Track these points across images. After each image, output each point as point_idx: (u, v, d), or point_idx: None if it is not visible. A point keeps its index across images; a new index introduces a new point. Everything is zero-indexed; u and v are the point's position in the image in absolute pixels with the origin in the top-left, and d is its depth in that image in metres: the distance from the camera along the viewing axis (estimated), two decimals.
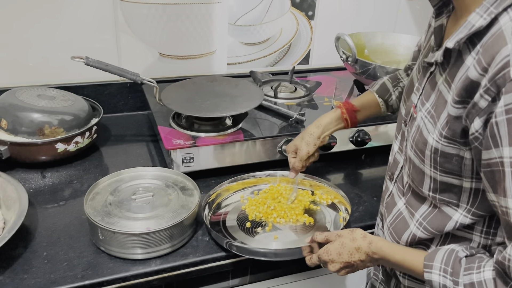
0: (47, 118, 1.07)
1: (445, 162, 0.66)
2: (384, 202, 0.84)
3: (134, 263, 0.83)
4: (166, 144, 1.02)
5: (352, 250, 0.74)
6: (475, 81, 0.58)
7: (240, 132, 1.10)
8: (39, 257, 0.83)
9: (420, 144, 0.69)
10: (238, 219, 0.95)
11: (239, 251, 0.85)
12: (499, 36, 0.56)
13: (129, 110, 1.39)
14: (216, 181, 1.07)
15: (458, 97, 0.60)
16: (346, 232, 0.76)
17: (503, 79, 0.54)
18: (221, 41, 1.43)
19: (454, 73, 0.63)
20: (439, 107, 0.66)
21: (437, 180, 0.68)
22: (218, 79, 1.26)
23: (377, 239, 0.73)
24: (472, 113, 0.58)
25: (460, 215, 0.68)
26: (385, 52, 1.47)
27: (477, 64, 0.58)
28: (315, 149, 0.97)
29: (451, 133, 0.63)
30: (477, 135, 0.59)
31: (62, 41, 1.26)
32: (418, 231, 0.73)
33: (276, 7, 1.44)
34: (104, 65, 1.06)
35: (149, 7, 1.29)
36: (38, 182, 1.04)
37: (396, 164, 0.81)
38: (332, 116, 0.98)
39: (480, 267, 0.60)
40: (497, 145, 0.56)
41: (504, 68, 0.53)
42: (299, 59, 1.57)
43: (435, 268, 0.64)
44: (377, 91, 1.00)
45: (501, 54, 0.54)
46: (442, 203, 0.70)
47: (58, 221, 0.92)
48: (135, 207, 0.88)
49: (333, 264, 0.76)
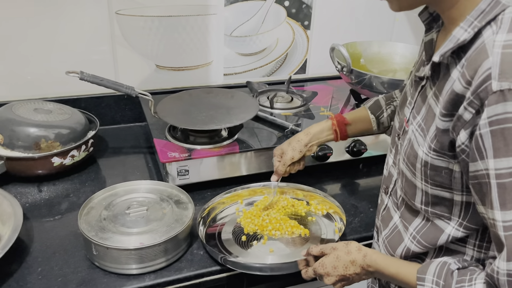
0: (43, 132, 1.07)
1: (435, 175, 0.66)
2: (379, 216, 0.84)
3: (128, 278, 0.83)
4: (161, 157, 1.03)
5: (347, 263, 0.74)
6: (460, 94, 0.58)
7: (235, 144, 1.10)
8: (33, 273, 0.83)
9: (411, 157, 0.69)
10: (233, 232, 0.95)
11: (234, 266, 0.85)
12: (481, 49, 0.56)
13: (126, 122, 1.40)
14: (212, 194, 1.07)
15: (445, 110, 0.61)
16: (341, 245, 0.77)
17: (485, 92, 0.54)
18: (218, 52, 1.44)
19: (442, 87, 0.64)
20: (429, 120, 0.66)
21: (428, 193, 0.68)
22: (214, 91, 1.27)
23: (371, 252, 0.74)
24: (458, 125, 0.59)
25: (452, 228, 0.68)
26: (381, 61, 1.48)
27: (461, 77, 0.59)
28: (300, 156, 0.97)
29: (440, 145, 0.63)
30: (463, 148, 0.59)
31: (58, 54, 1.27)
32: (412, 245, 0.73)
33: (271, 17, 1.45)
34: (99, 79, 1.06)
35: (145, 19, 1.30)
36: (34, 196, 1.04)
37: (390, 177, 0.81)
38: (323, 126, 0.99)
39: (471, 280, 0.61)
40: (483, 157, 0.56)
41: (486, 81, 0.54)
42: (295, 69, 1.57)
43: (427, 281, 0.64)
44: (369, 107, 1.00)
45: (482, 67, 0.55)
46: (434, 216, 0.70)
47: (54, 236, 0.92)
48: (130, 221, 0.88)
49: (329, 278, 0.76)
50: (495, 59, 0.54)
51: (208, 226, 0.96)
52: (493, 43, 0.56)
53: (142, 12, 1.29)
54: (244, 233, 0.94)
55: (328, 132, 0.99)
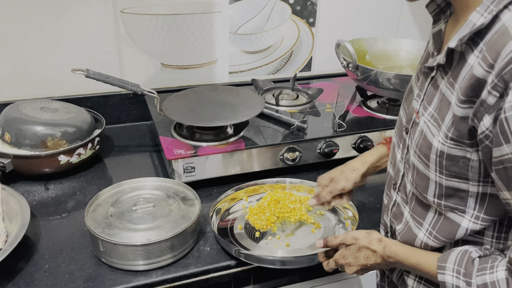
0: (50, 131, 1.07)
1: (451, 165, 0.65)
2: (389, 212, 0.84)
3: (135, 274, 0.83)
4: (167, 154, 1.03)
5: (369, 253, 0.76)
6: (482, 78, 0.57)
7: (241, 141, 1.10)
8: (41, 270, 0.83)
9: (424, 149, 0.68)
10: (245, 227, 0.95)
11: (248, 259, 0.85)
12: (503, 32, 0.55)
13: (132, 120, 1.40)
14: (218, 190, 1.07)
15: (464, 96, 0.60)
16: (362, 234, 0.78)
17: (510, 74, 0.53)
18: (223, 50, 1.43)
19: (457, 74, 0.63)
20: (443, 109, 0.65)
21: (442, 185, 0.67)
22: (219, 88, 1.26)
23: (391, 243, 0.75)
24: (481, 111, 0.58)
25: (469, 221, 0.67)
26: (387, 57, 1.47)
27: (482, 61, 0.57)
28: (352, 187, 0.91)
29: (457, 134, 0.62)
30: (487, 133, 0.58)
31: (64, 54, 1.27)
32: (429, 241, 0.72)
33: (276, 15, 1.45)
34: (104, 77, 1.07)
35: (150, 18, 1.30)
36: (41, 194, 1.05)
37: (398, 172, 0.80)
38: (380, 153, 0.93)
39: (493, 267, 0.60)
40: (508, 141, 0.55)
41: (511, 63, 0.53)
42: (301, 66, 1.57)
43: (448, 269, 0.65)
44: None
45: (506, 49, 0.54)
46: (447, 209, 0.69)
47: (61, 233, 0.93)
48: (136, 218, 0.88)
49: (350, 268, 0.78)
50: None
51: (220, 220, 0.97)
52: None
53: (147, 11, 1.29)
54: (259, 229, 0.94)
55: (384, 159, 0.93)
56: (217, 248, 0.90)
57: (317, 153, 1.15)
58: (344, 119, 1.23)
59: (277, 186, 1.07)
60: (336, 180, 0.91)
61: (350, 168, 0.91)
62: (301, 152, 1.12)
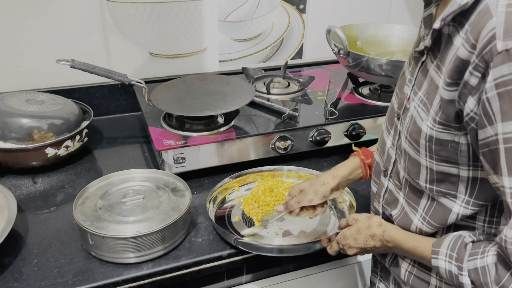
0: (36, 123, 1.05)
1: (441, 150, 0.64)
2: (381, 199, 0.83)
3: (126, 267, 0.82)
4: (157, 145, 1.01)
5: (367, 237, 0.77)
6: (465, 59, 0.56)
7: (232, 130, 1.08)
8: (29, 264, 0.82)
9: (414, 134, 0.68)
10: (243, 215, 0.95)
11: (247, 247, 0.85)
12: (485, 11, 0.54)
13: (121, 111, 1.38)
14: (209, 181, 1.06)
15: (450, 78, 0.59)
16: (363, 217, 0.80)
17: (490, 53, 0.52)
18: (212, 38, 1.41)
19: (444, 57, 0.62)
20: (431, 93, 0.64)
21: (433, 170, 0.67)
22: (209, 77, 1.24)
23: (390, 227, 0.75)
24: (464, 93, 0.57)
25: (460, 206, 0.67)
26: (378, 43, 1.45)
27: (466, 42, 0.56)
28: (321, 201, 0.87)
29: (445, 117, 0.62)
30: (472, 115, 0.57)
31: (50, 45, 1.24)
32: (423, 226, 0.72)
33: (266, 1, 1.42)
34: (90, 67, 1.04)
35: (136, 6, 1.27)
36: (29, 188, 1.03)
37: (389, 159, 0.79)
38: (351, 166, 0.90)
39: (484, 252, 0.60)
40: (492, 122, 0.54)
41: (491, 42, 0.52)
42: (292, 54, 1.55)
43: (441, 254, 0.65)
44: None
45: (486, 28, 0.53)
46: (439, 194, 0.68)
47: (49, 227, 0.91)
48: (126, 210, 0.87)
49: (350, 249, 0.80)
50: (499, 18, 0.52)
51: (217, 209, 0.96)
52: (496, 3, 0.53)
53: None
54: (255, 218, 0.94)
55: (357, 172, 0.91)
56: (209, 239, 0.89)
57: (309, 141, 1.14)
58: (336, 107, 1.21)
59: (274, 173, 1.06)
60: (305, 192, 0.88)
61: (320, 182, 0.88)
62: (293, 141, 1.11)
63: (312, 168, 1.11)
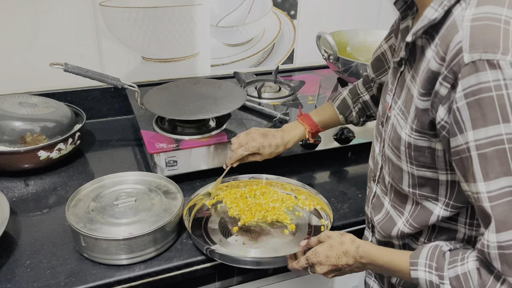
0: (28, 126, 1.06)
1: (419, 156, 0.66)
2: (370, 203, 0.85)
3: (118, 268, 0.83)
4: (149, 148, 1.02)
5: (340, 253, 0.74)
6: (436, 71, 0.59)
7: (224, 134, 1.10)
8: (22, 266, 0.82)
9: (395, 141, 0.70)
10: (220, 223, 0.95)
11: (221, 258, 0.85)
12: (452, 26, 0.57)
13: (113, 115, 1.39)
14: (201, 184, 1.07)
15: (423, 89, 0.62)
16: (335, 234, 0.77)
17: (458, 65, 0.55)
18: (204, 43, 1.43)
19: (418, 68, 0.64)
20: (408, 102, 0.67)
21: (414, 175, 0.69)
22: (201, 81, 1.26)
23: (364, 243, 0.74)
24: (436, 102, 0.60)
25: (440, 209, 0.69)
26: (367, 49, 1.48)
27: (436, 55, 0.59)
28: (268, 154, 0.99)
29: (420, 125, 0.64)
30: (443, 124, 0.59)
31: (43, 48, 1.25)
32: (405, 228, 0.74)
33: (258, 7, 1.45)
34: (83, 71, 1.05)
35: (129, 11, 1.29)
36: (21, 191, 1.03)
37: (377, 165, 0.82)
38: (298, 136, 1.02)
39: (464, 259, 0.61)
40: (462, 131, 0.56)
41: (458, 54, 0.55)
42: (283, 59, 1.57)
43: (420, 265, 0.65)
44: (338, 107, 1.02)
45: (454, 41, 0.56)
46: (422, 198, 0.70)
47: (42, 229, 0.92)
48: (118, 212, 0.88)
49: (321, 267, 0.76)
50: (465, 32, 0.55)
51: (195, 216, 0.96)
52: (462, 18, 0.56)
53: (126, 3, 1.28)
54: (234, 224, 0.94)
55: (301, 138, 1.03)
56: None
57: (299, 145, 1.16)
58: None
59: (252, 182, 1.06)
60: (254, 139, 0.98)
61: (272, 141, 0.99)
62: None
63: (302, 171, 1.14)
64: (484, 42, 0.53)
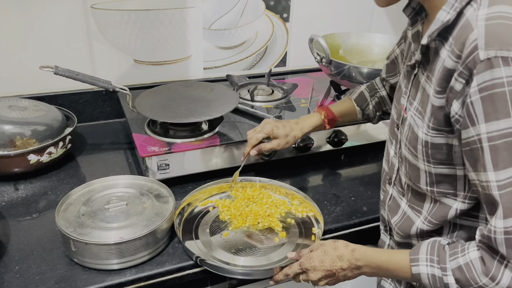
0: (18, 129, 1.05)
1: (436, 153, 0.68)
2: (386, 206, 0.86)
3: (109, 273, 0.82)
4: (141, 151, 1.01)
5: (334, 257, 0.75)
6: (452, 68, 0.62)
7: (216, 137, 1.09)
8: (11, 272, 0.81)
9: (412, 141, 0.72)
10: (210, 228, 0.94)
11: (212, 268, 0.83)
12: (466, 25, 0.60)
13: (105, 118, 1.38)
14: (193, 187, 1.06)
15: (439, 87, 0.64)
16: (328, 241, 0.78)
17: (473, 62, 0.58)
18: (197, 45, 1.42)
19: (433, 68, 0.67)
20: (424, 102, 0.69)
21: (432, 173, 0.71)
22: (193, 84, 1.26)
23: (359, 247, 0.75)
24: (450, 97, 0.62)
25: (459, 202, 0.71)
26: (360, 52, 1.48)
27: (451, 54, 0.62)
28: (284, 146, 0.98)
29: (437, 122, 0.66)
30: (457, 117, 0.62)
31: (33, 51, 1.24)
32: (424, 226, 0.75)
33: (250, 10, 1.44)
34: (74, 74, 1.04)
35: (121, 13, 1.28)
36: (10, 195, 1.02)
37: (393, 167, 0.83)
38: (315, 124, 1.01)
39: (464, 250, 0.64)
40: (474, 123, 0.59)
41: (473, 52, 0.58)
42: (275, 62, 1.57)
43: (421, 260, 0.66)
44: (355, 100, 1.04)
45: (469, 39, 0.59)
46: (440, 195, 0.72)
47: (31, 234, 0.90)
48: (109, 216, 0.87)
49: (315, 273, 0.76)
50: (480, 31, 0.58)
51: (186, 221, 0.95)
52: (476, 18, 0.59)
53: (118, 6, 1.27)
54: (224, 229, 0.93)
55: (319, 128, 1.03)
56: None
57: (292, 148, 1.15)
58: None
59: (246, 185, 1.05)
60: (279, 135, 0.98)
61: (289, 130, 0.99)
62: None
63: (295, 174, 1.13)
64: (499, 40, 0.56)
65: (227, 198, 1.02)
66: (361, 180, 1.15)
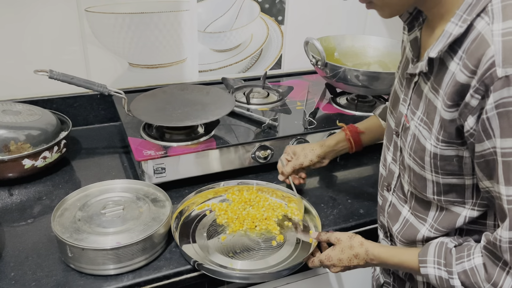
0: (12, 134, 1.04)
1: (446, 165, 0.68)
2: (385, 213, 0.86)
3: (106, 279, 0.81)
4: (137, 155, 1.01)
5: (351, 256, 0.80)
6: (465, 84, 0.61)
7: (212, 140, 1.09)
8: (6, 278, 0.80)
9: (419, 152, 0.71)
10: (208, 231, 0.94)
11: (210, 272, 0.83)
12: (481, 40, 0.59)
13: (100, 122, 1.37)
14: (190, 191, 1.06)
15: (450, 101, 0.63)
16: (345, 237, 0.83)
17: (490, 78, 0.57)
18: (192, 48, 1.42)
19: (440, 80, 0.66)
20: (430, 113, 0.68)
21: (439, 183, 0.71)
22: (189, 87, 1.25)
23: (372, 247, 0.78)
24: (465, 112, 0.62)
25: (468, 210, 0.71)
26: (355, 54, 1.49)
27: (464, 68, 0.61)
28: (309, 164, 1.02)
29: (448, 135, 0.66)
30: (472, 132, 0.62)
31: (27, 54, 1.23)
32: (430, 233, 0.75)
33: (245, 13, 1.44)
34: (69, 78, 1.04)
35: (116, 17, 1.27)
36: (5, 200, 1.01)
37: (391, 174, 0.83)
38: (337, 138, 1.03)
39: (470, 255, 0.65)
40: (490, 137, 0.59)
41: (491, 68, 0.57)
42: (271, 64, 1.57)
43: (429, 262, 0.69)
44: (379, 114, 1.04)
45: (486, 55, 0.58)
46: (448, 203, 0.72)
47: (27, 240, 0.89)
48: (105, 221, 0.86)
49: (334, 268, 0.83)
50: (497, 47, 0.57)
51: (182, 225, 0.94)
52: (491, 33, 0.58)
53: (112, 9, 1.26)
54: (222, 232, 0.93)
55: (343, 144, 1.03)
56: None
57: None
58: (314, 116, 1.24)
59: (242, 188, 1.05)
60: (297, 155, 1.02)
61: (309, 148, 1.02)
62: (272, 150, 1.13)
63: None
64: None
65: (224, 201, 1.02)
66: (358, 183, 1.15)
